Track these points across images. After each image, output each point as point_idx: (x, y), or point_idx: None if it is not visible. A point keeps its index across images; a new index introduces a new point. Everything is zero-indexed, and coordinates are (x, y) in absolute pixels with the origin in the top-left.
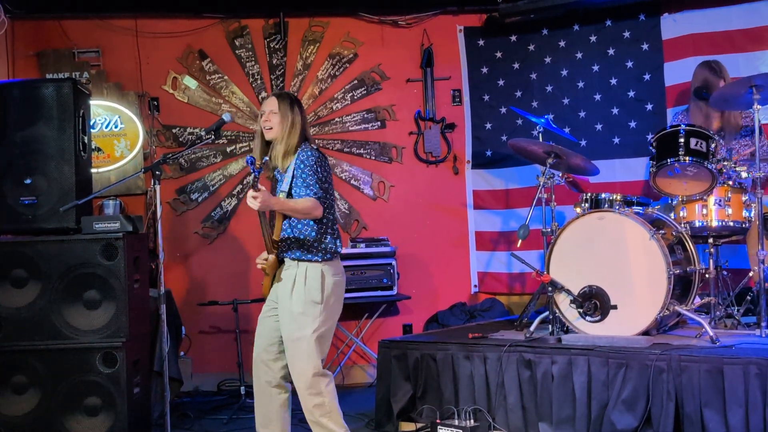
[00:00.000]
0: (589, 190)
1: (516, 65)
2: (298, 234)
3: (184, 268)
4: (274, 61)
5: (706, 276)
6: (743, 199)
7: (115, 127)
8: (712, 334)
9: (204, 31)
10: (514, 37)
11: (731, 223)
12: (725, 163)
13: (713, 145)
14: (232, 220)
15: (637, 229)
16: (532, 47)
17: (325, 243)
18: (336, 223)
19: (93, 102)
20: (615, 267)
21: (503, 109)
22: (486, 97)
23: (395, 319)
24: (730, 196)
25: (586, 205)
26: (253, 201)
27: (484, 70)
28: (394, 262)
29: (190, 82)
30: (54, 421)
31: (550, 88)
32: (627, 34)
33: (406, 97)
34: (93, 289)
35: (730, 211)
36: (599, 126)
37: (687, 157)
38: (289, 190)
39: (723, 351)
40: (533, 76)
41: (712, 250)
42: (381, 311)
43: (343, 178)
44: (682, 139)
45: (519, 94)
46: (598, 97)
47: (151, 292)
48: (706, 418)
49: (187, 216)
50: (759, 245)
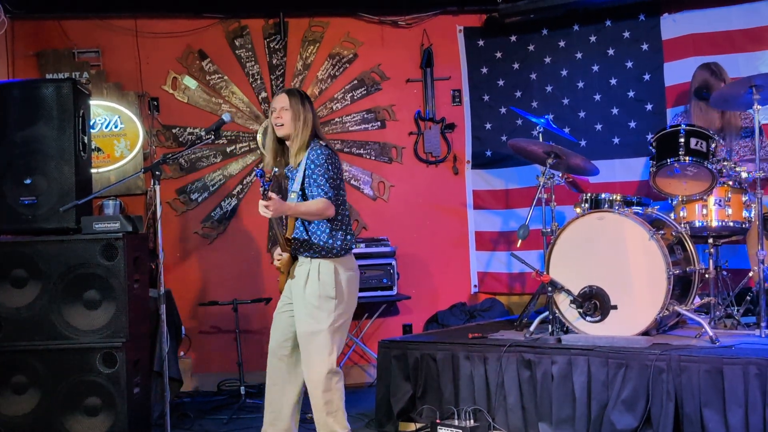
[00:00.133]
0: (588, 191)
1: (516, 65)
2: (311, 232)
3: (184, 268)
4: (274, 61)
5: (706, 276)
6: (743, 199)
7: (115, 127)
8: (711, 334)
9: (204, 31)
10: (513, 38)
11: (731, 223)
12: (725, 163)
13: (713, 145)
14: (232, 220)
15: (636, 229)
16: (531, 47)
17: (337, 240)
18: (349, 219)
19: (93, 102)
20: (615, 267)
21: (503, 109)
22: (486, 97)
23: (395, 319)
24: (730, 196)
25: (586, 205)
26: (265, 210)
27: (484, 70)
28: (394, 262)
29: (189, 82)
30: (54, 421)
31: (550, 88)
32: (627, 34)
33: (406, 97)
34: (93, 289)
35: (730, 211)
36: (599, 126)
37: (687, 157)
38: (300, 189)
39: (723, 351)
40: (533, 76)
41: (711, 250)
42: (381, 311)
43: (343, 178)
44: (682, 139)
45: (519, 94)
46: (597, 97)
47: (151, 292)
48: (705, 418)
49: (187, 216)
50: (759, 245)
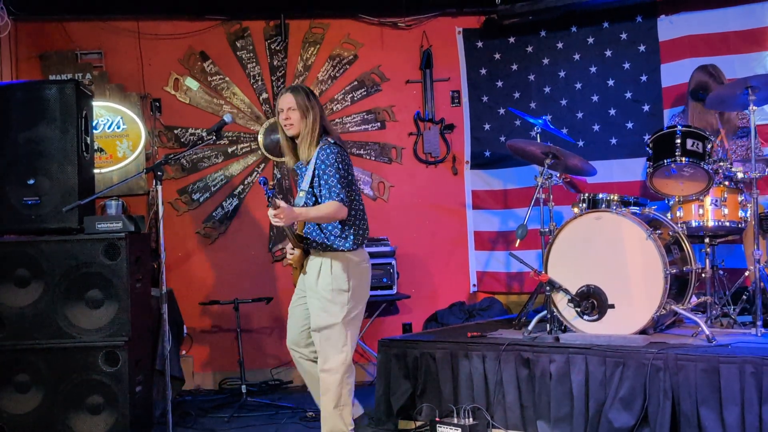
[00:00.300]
0: (586, 191)
1: (514, 66)
2: (322, 228)
3: (185, 267)
4: (275, 63)
5: (703, 275)
6: (739, 199)
7: (118, 128)
8: (708, 333)
9: (205, 32)
10: (512, 39)
11: (727, 223)
12: (721, 163)
13: (709, 146)
14: (234, 220)
15: (634, 229)
16: (530, 49)
17: (350, 236)
18: (363, 212)
19: (95, 103)
20: (612, 266)
21: (502, 110)
22: (485, 98)
23: (395, 318)
24: (726, 196)
25: (584, 205)
26: (276, 219)
27: (483, 71)
28: (393, 262)
29: (191, 84)
30: (56, 420)
31: (548, 90)
32: (624, 36)
33: (405, 98)
34: (95, 289)
35: (726, 211)
36: (597, 127)
37: (683, 158)
38: (310, 187)
39: (719, 350)
40: (531, 77)
41: (708, 249)
42: (381, 310)
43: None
44: (679, 140)
45: (517, 95)
46: (595, 98)
47: (153, 291)
48: (702, 417)
49: (188, 216)
50: (755, 245)
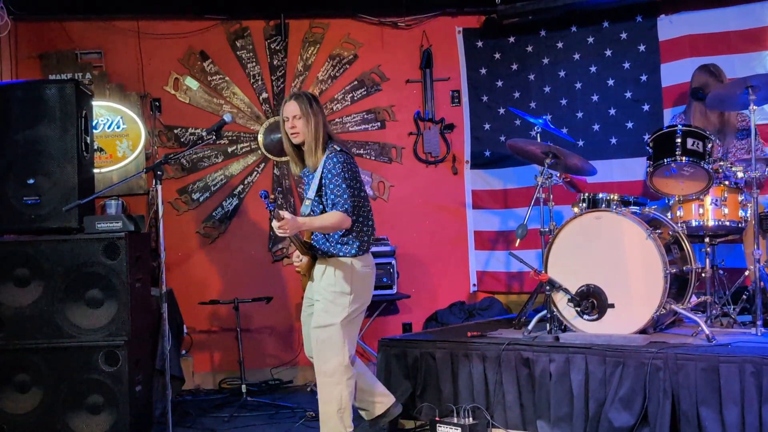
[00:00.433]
0: (586, 190)
1: (514, 66)
2: (327, 236)
3: (185, 267)
4: (275, 62)
5: (703, 275)
6: (739, 198)
7: (117, 128)
8: (708, 332)
9: (205, 32)
10: (512, 39)
11: (727, 223)
12: (722, 163)
13: (710, 146)
14: (234, 219)
15: (634, 228)
16: (530, 48)
17: (353, 242)
18: (369, 219)
19: (95, 103)
20: (612, 266)
21: (502, 110)
22: (485, 98)
23: (395, 318)
24: (726, 195)
25: (584, 204)
26: (281, 231)
27: (483, 71)
28: (393, 262)
29: (191, 83)
30: (56, 419)
31: (548, 89)
32: (624, 36)
33: (405, 97)
34: (95, 288)
35: (726, 210)
36: (597, 126)
37: (684, 157)
38: (316, 195)
39: (719, 349)
40: (531, 77)
41: (708, 249)
42: (381, 310)
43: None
44: (679, 140)
45: (517, 94)
46: (595, 97)
47: (153, 291)
48: (702, 416)
49: (188, 216)
50: (755, 244)
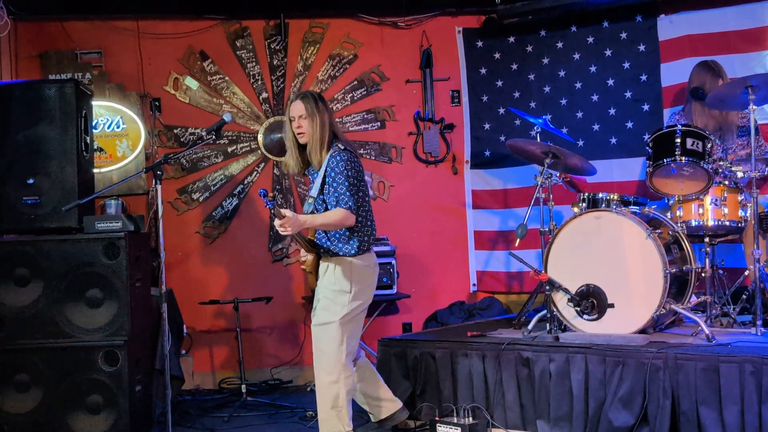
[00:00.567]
0: (586, 190)
1: (514, 66)
2: (329, 234)
3: (185, 267)
4: (275, 62)
5: (702, 275)
6: (739, 198)
7: (117, 128)
8: (708, 332)
9: (205, 32)
10: (512, 39)
11: (727, 223)
12: (721, 162)
13: (709, 145)
14: (233, 219)
15: (633, 228)
16: (530, 48)
17: (353, 240)
18: (369, 219)
19: (95, 102)
20: (612, 266)
21: (502, 110)
22: (485, 98)
23: (395, 318)
24: (726, 195)
25: (584, 204)
26: (284, 230)
27: (483, 71)
28: (393, 261)
29: (191, 83)
30: (56, 419)
31: (548, 89)
32: (624, 36)
33: (405, 97)
34: (95, 288)
35: (726, 210)
36: (596, 126)
37: (683, 157)
38: (319, 194)
39: (719, 349)
40: (531, 76)
41: (708, 249)
42: (381, 310)
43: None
44: (679, 139)
45: (517, 94)
46: (595, 97)
47: (153, 290)
48: (702, 416)
49: (188, 215)
50: (755, 244)
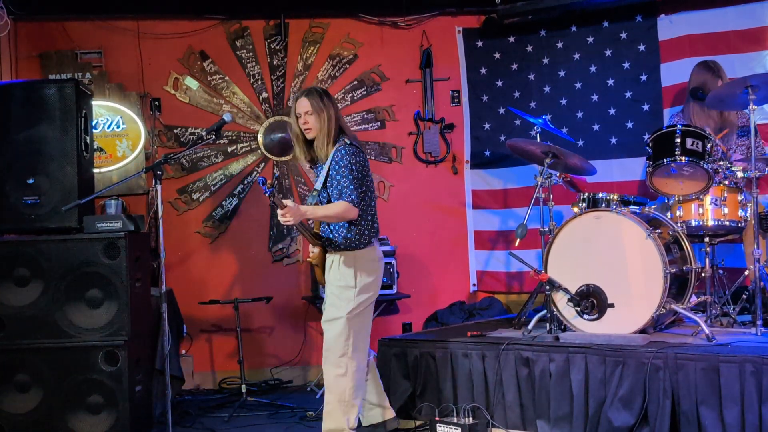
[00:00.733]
0: (586, 190)
1: (514, 66)
2: (331, 227)
3: (185, 267)
4: (275, 62)
5: (703, 275)
6: (739, 198)
7: (117, 128)
8: (708, 332)
9: (205, 32)
10: (512, 38)
11: (727, 223)
12: (721, 162)
13: (709, 145)
14: (234, 219)
15: (633, 228)
16: (530, 48)
17: (354, 233)
18: (372, 212)
19: (95, 102)
20: (612, 266)
21: (502, 110)
22: (485, 98)
23: (395, 318)
24: (726, 195)
25: (584, 204)
26: (285, 218)
27: (483, 70)
28: (393, 261)
29: (191, 83)
30: (56, 419)
31: (548, 89)
32: (624, 36)
33: (405, 97)
34: (95, 288)
35: (726, 210)
36: (596, 126)
37: (683, 157)
38: (323, 187)
39: (719, 349)
40: (531, 76)
41: (708, 249)
42: (381, 310)
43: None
44: (679, 139)
45: (517, 94)
46: (595, 97)
47: (153, 290)
48: (702, 416)
49: (188, 215)
50: (755, 244)
